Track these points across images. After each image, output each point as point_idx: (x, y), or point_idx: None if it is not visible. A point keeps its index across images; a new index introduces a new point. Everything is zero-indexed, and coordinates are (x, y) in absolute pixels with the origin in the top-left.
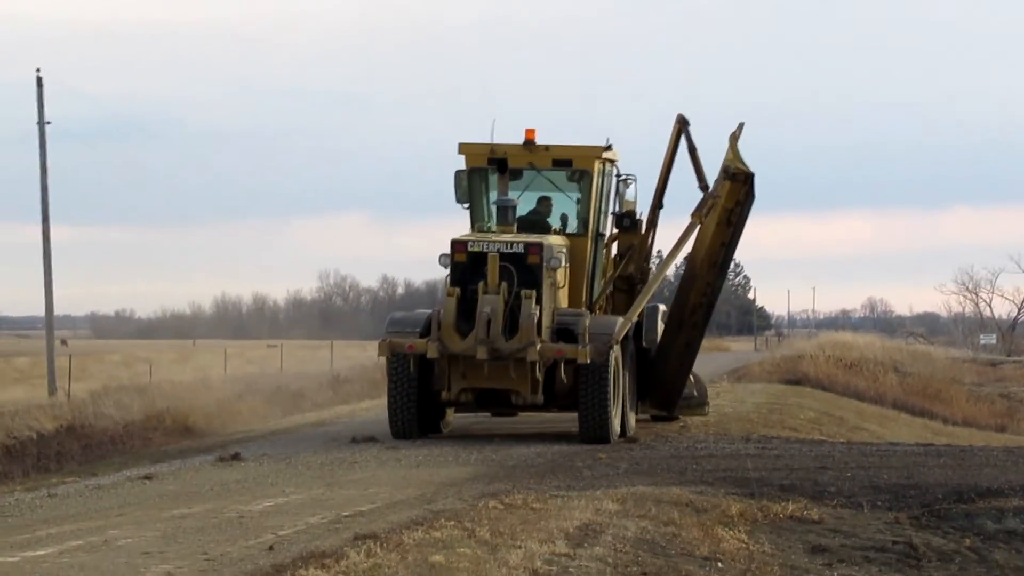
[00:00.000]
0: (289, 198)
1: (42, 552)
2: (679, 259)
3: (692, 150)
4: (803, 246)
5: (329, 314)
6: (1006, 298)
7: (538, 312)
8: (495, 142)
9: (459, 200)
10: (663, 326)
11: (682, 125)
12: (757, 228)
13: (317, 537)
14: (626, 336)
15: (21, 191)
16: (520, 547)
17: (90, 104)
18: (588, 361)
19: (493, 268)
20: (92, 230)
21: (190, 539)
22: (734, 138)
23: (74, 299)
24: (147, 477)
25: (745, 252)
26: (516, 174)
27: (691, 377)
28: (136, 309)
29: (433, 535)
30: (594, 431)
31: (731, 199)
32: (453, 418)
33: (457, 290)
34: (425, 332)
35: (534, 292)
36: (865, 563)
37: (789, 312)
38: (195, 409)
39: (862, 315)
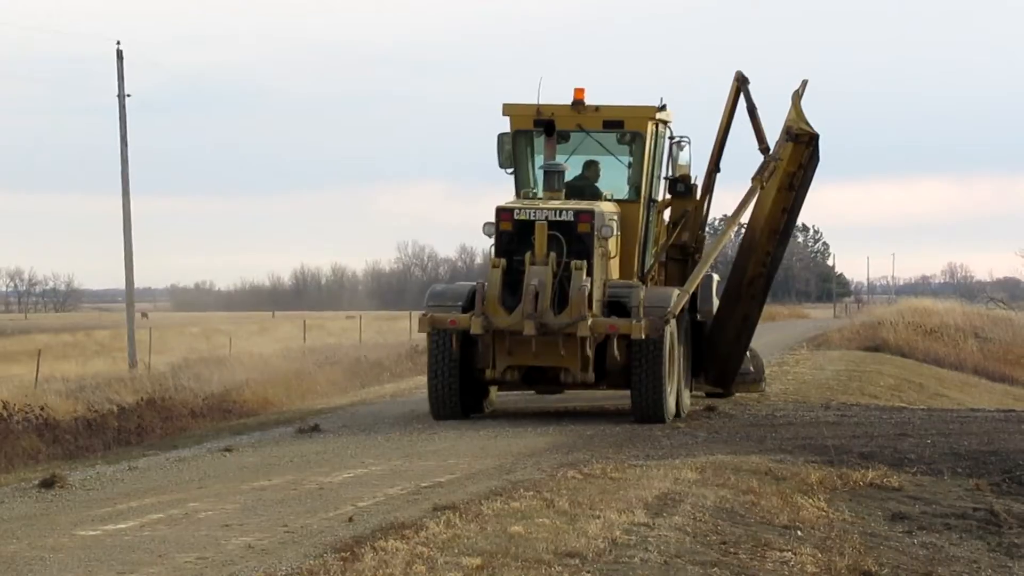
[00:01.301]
0: (368, 168)
1: (123, 525)
2: (739, 226)
3: (751, 110)
4: (883, 212)
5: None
6: None
7: (588, 284)
8: (541, 103)
9: (502, 165)
10: (719, 298)
11: (741, 83)
12: (836, 194)
13: (396, 508)
14: (680, 309)
15: (102, 163)
16: (599, 517)
17: (170, 76)
18: (643, 337)
19: (541, 237)
20: (172, 201)
21: (270, 511)
22: (797, 96)
23: (154, 271)
24: (227, 450)
25: (824, 218)
26: (563, 137)
27: (747, 352)
28: (216, 281)
29: (512, 505)
30: (648, 410)
31: (793, 162)
32: (496, 397)
33: (503, 261)
34: (468, 306)
35: (584, 263)
36: (946, 530)
37: (868, 278)
38: (274, 381)
39: (942, 281)
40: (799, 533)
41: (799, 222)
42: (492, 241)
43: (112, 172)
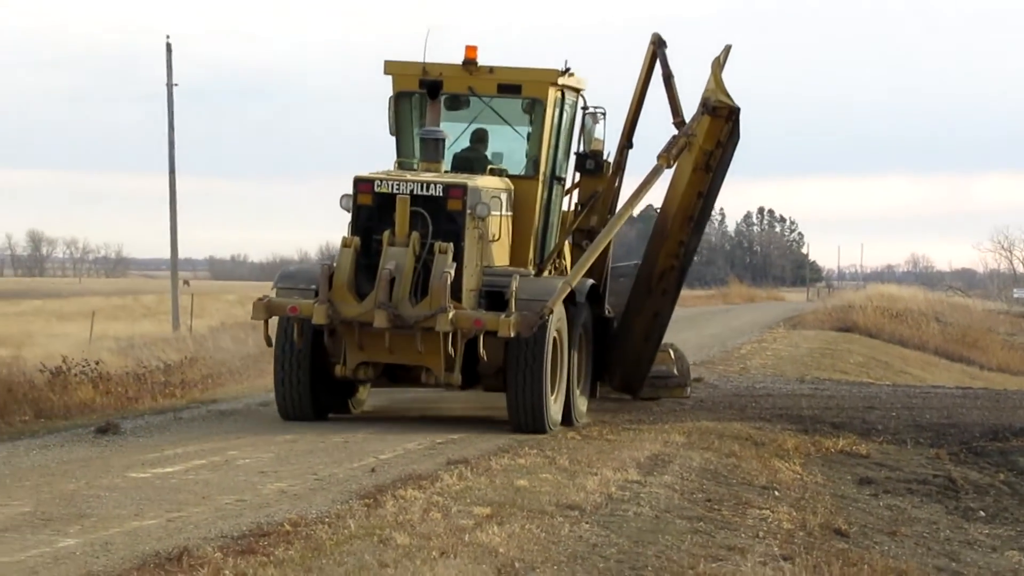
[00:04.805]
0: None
1: (170, 469)
2: (640, 208)
3: (667, 77)
4: (853, 205)
5: None
6: None
7: (453, 270)
8: (429, 61)
9: (391, 132)
10: None
11: (657, 47)
12: (810, 187)
13: (414, 461)
14: (573, 301)
15: (151, 145)
16: (596, 474)
17: (214, 67)
18: (512, 334)
19: (403, 214)
20: (212, 181)
21: (301, 460)
22: (718, 64)
23: (195, 243)
24: (262, 404)
25: (799, 209)
26: (460, 103)
27: (671, 352)
28: (250, 254)
29: (518, 462)
30: (525, 419)
31: (710, 139)
32: (368, 395)
33: (356, 240)
34: None
35: (451, 245)
36: (908, 494)
37: (839, 266)
38: None
39: (905, 270)
40: (776, 493)
41: (776, 212)
42: (350, 217)
43: (160, 154)
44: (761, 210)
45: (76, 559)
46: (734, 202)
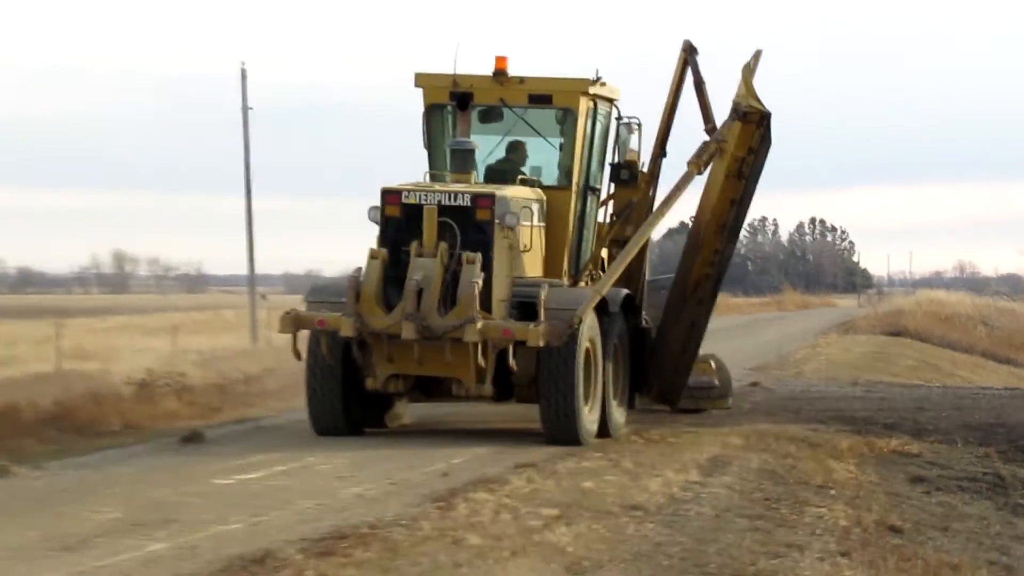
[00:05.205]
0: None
1: (252, 476)
2: (671, 218)
3: (699, 84)
4: (902, 214)
5: None
6: None
7: (480, 280)
8: (460, 73)
9: (425, 145)
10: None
11: (688, 54)
12: (860, 197)
13: (484, 465)
14: (607, 311)
15: (227, 167)
16: (659, 475)
17: (285, 90)
18: (540, 344)
19: (430, 224)
20: (287, 199)
21: (376, 466)
22: (748, 70)
23: (270, 259)
24: None
25: (849, 219)
26: (493, 115)
27: (712, 363)
28: (323, 269)
29: (583, 465)
30: (558, 430)
31: (742, 145)
32: (406, 409)
33: (384, 252)
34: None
35: (479, 255)
36: (959, 491)
37: (888, 273)
38: None
39: (953, 276)
40: (832, 492)
41: (827, 222)
42: (378, 229)
43: (236, 174)
44: (813, 220)
45: (165, 562)
46: (786, 213)
